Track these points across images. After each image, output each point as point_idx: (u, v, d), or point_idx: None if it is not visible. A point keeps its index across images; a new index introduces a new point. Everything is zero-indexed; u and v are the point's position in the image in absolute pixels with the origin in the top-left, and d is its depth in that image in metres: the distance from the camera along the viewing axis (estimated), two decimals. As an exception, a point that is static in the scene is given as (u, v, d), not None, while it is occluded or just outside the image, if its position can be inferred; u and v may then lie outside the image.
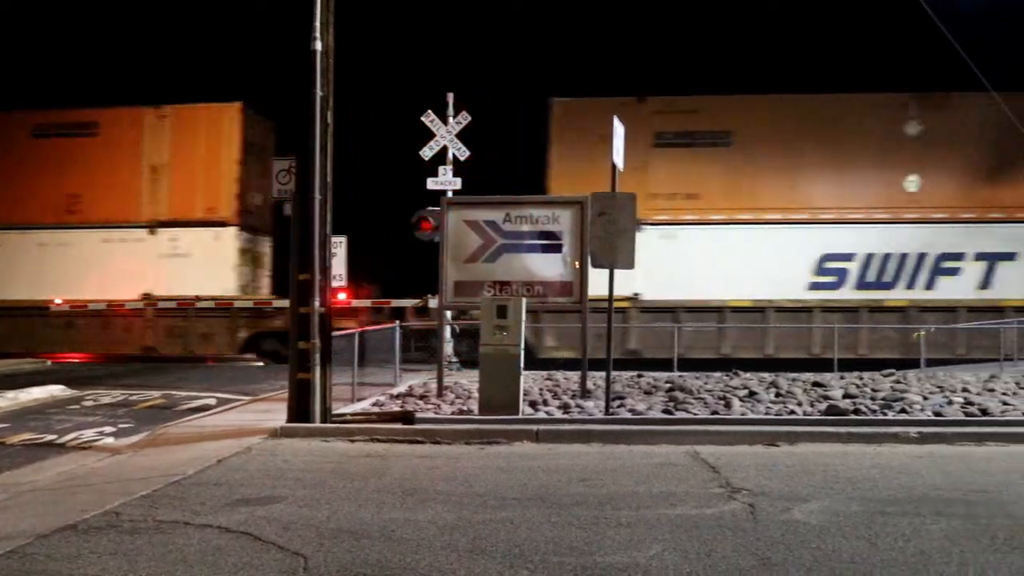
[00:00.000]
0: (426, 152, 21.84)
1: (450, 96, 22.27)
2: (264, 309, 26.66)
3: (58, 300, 27.24)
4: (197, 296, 26.68)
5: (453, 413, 13.38)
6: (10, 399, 16.41)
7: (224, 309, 26.70)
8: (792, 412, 13.25)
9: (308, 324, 12.43)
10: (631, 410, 13.40)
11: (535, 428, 12.13)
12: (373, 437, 11.96)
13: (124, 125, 27.72)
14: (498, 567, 6.45)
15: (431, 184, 21.94)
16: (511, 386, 12.96)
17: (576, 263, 14.99)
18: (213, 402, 16.53)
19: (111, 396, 17.69)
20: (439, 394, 15.17)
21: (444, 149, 21.86)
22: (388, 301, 25.47)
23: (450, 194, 21.15)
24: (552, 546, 6.95)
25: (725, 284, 24.52)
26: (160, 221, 27.20)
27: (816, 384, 16.38)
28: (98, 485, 9.65)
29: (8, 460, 11.61)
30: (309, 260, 12.47)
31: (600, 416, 12.93)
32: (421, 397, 15.04)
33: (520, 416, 12.83)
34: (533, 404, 13.89)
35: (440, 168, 21.94)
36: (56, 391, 17.92)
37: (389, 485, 9.25)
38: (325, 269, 12.64)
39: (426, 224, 21.70)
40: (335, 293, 22.57)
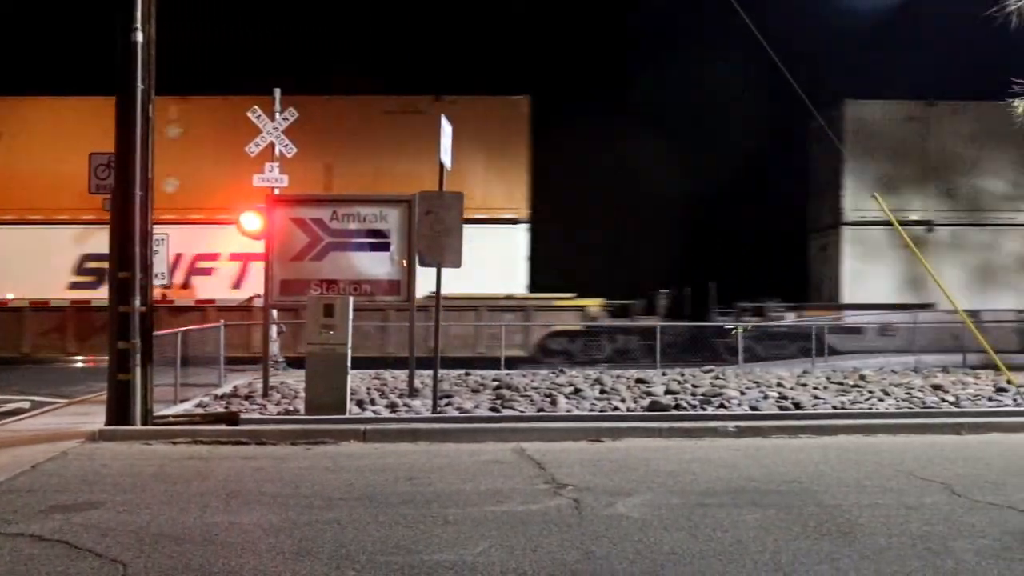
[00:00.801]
0: (252, 148, 21.39)
1: (277, 91, 21.87)
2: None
3: None
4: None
5: (279, 413, 13.18)
6: None
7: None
8: (616, 408, 13.54)
9: (128, 323, 12.07)
10: (458, 408, 13.46)
11: (362, 428, 12.07)
12: (196, 439, 11.69)
13: None
14: (324, 568, 6.40)
15: (257, 181, 21.48)
16: (338, 385, 12.85)
17: (404, 262, 14.95)
18: (27, 405, 15.84)
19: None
20: (265, 394, 14.92)
21: (271, 146, 21.46)
22: (213, 300, 24.88)
23: (276, 191, 20.80)
24: (379, 545, 6.93)
25: None
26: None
27: (639, 381, 16.75)
28: (-101, 494, 9.16)
29: None
30: (129, 258, 12.10)
31: (428, 415, 12.96)
32: (246, 397, 14.77)
33: (347, 416, 12.74)
34: (360, 403, 13.81)
35: (267, 165, 21.52)
36: None
37: (212, 488, 9.06)
38: (146, 267, 12.30)
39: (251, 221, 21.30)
40: (162, 291, 22.02)
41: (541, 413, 13.15)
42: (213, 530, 7.38)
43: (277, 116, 21.29)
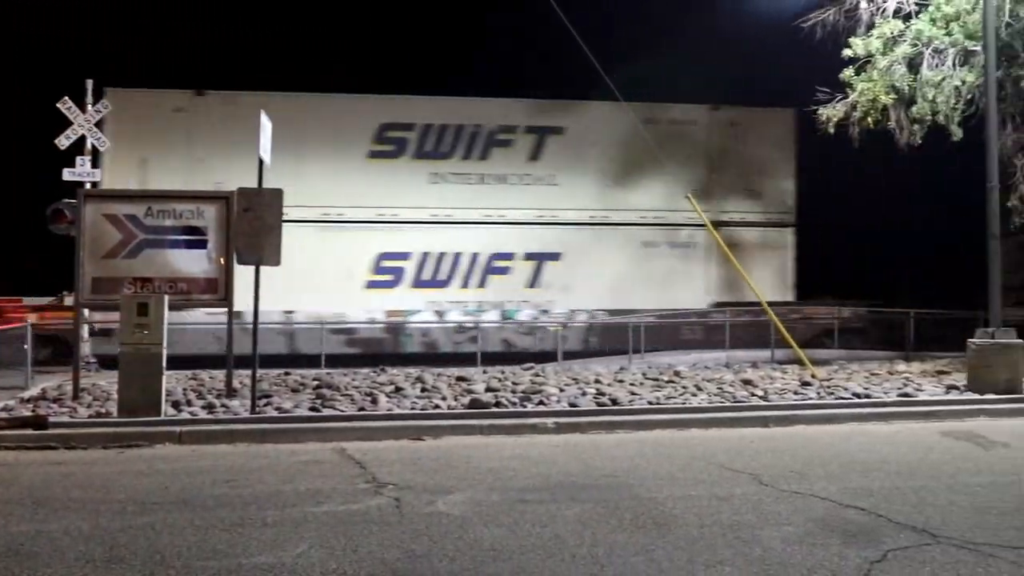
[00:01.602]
0: (62, 141, 20.56)
1: (89, 83, 21.09)
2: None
3: None
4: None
5: (90, 416, 12.73)
6: None
7: None
8: (437, 406, 13.59)
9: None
10: (278, 408, 13.27)
11: (178, 430, 11.80)
12: (0, 444, 11.22)
13: None
14: (137, 575, 6.24)
15: (67, 175, 20.66)
16: (152, 386, 12.50)
17: (221, 259, 14.65)
18: None
19: None
20: (75, 397, 14.37)
21: (82, 138, 20.68)
22: (19, 299, 23.80)
23: (88, 186, 20.07)
24: (195, 550, 6.79)
25: None
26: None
27: (460, 379, 16.83)
28: None
29: None
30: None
31: (246, 415, 12.74)
32: (55, 400, 14.21)
33: (162, 418, 12.40)
34: (176, 405, 13.46)
35: (78, 159, 20.72)
36: None
37: (18, 495, 8.69)
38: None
39: (62, 217, 20.44)
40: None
41: (362, 412, 13.09)
42: (18, 540, 7.09)
43: (89, 108, 20.55)
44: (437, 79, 28.26)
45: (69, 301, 20.77)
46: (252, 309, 13.56)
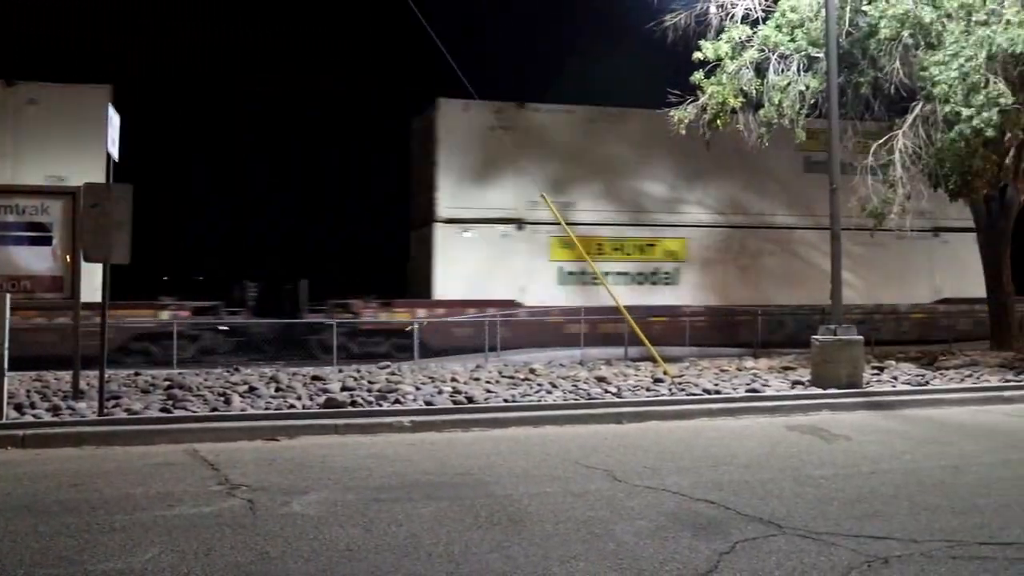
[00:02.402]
0: None
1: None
2: None
3: None
4: None
5: (-75, 420, 12.23)
6: None
7: None
8: (292, 406, 13.45)
9: None
10: (127, 410, 12.92)
11: (21, 433, 11.39)
12: None
13: None
14: (-23, 585, 6.04)
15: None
16: (-8, 389, 12.07)
17: (68, 257, 14.21)
18: None
19: None
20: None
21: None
22: None
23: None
24: (39, 557, 6.58)
25: None
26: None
27: (315, 378, 16.69)
28: None
29: None
30: None
31: (94, 417, 12.37)
32: None
33: (4, 421, 11.95)
34: (19, 407, 12.99)
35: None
36: None
37: None
38: None
39: None
40: None
41: (215, 413, 12.86)
42: None
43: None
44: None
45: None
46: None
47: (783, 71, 19.70)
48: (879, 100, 20.05)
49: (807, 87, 19.52)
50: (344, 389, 14.92)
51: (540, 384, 15.96)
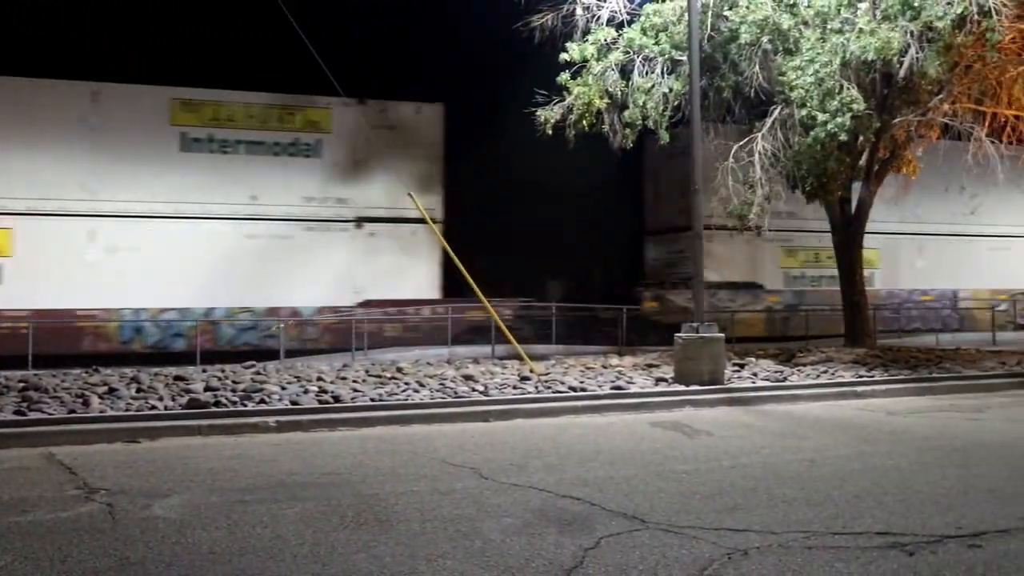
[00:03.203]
0: None
1: None
2: None
3: None
4: None
5: None
6: None
7: None
8: (154, 407, 13.13)
9: None
10: (-22, 413, 12.49)
11: None
12: None
13: None
14: None
15: None
16: None
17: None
18: None
19: None
20: None
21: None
22: None
23: None
24: None
25: None
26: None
27: (178, 378, 16.32)
28: None
29: None
30: None
31: (-58, 421, 11.93)
32: None
33: None
34: None
35: None
36: None
37: None
38: None
39: None
40: None
41: (72, 415, 12.48)
42: None
43: None
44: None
45: None
46: None
47: (648, 73, 20.09)
48: (740, 103, 20.61)
49: (671, 89, 19.94)
50: (208, 389, 14.64)
51: (407, 383, 15.89)
